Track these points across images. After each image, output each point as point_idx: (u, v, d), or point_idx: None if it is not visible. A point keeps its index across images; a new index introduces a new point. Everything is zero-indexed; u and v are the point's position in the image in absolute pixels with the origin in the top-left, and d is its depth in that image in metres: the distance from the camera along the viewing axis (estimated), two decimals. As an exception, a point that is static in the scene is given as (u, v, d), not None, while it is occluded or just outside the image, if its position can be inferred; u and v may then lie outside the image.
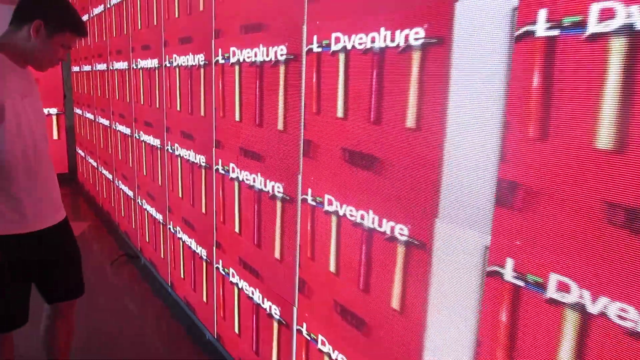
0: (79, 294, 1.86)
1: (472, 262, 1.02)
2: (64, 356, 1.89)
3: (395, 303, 1.23)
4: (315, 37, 1.43)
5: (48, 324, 1.84)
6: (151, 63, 2.84)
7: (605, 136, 0.76)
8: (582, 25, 0.78)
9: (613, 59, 0.75)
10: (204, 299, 2.44)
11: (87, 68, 4.75)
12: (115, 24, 3.66)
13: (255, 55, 1.76)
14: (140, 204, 3.42)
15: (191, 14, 2.34)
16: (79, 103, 5.44)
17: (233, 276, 2.13)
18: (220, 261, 2.24)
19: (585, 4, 0.78)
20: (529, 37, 0.86)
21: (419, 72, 1.09)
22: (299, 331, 1.68)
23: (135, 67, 3.19)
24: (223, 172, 2.12)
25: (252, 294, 1.97)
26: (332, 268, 1.46)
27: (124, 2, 3.36)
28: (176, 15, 2.52)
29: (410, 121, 1.13)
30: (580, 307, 0.82)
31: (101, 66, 4.14)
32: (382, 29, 1.18)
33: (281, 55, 1.60)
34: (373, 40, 1.21)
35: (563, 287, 0.85)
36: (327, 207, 1.45)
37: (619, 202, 0.75)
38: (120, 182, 3.92)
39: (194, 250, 2.52)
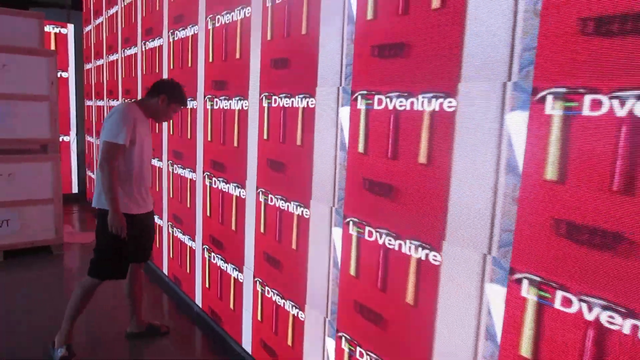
0: (149, 258, 2.95)
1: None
2: (141, 298, 3.00)
3: (294, 244, 2.14)
4: (264, 94, 2.39)
5: (130, 281, 2.90)
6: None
7: (361, 147, 1.69)
8: (372, 104, 1.73)
9: (394, 122, 1.69)
10: (187, 270, 3.34)
11: (100, 103, 5.71)
12: (109, 72, 4.64)
13: (231, 105, 2.72)
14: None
15: (183, 68, 3.30)
16: (90, 131, 6.39)
17: (211, 255, 3.02)
18: (201, 244, 3.14)
19: (372, 95, 1.71)
20: (353, 107, 1.80)
21: (303, 118, 2.04)
22: (254, 279, 2.58)
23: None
24: (208, 181, 3.04)
25: (221, 261, 2.87)
26: (262, 230, 2.38)
27: (118, 58, 4.34)
28: (171, 67, 3.48)
29: (298, 140, 2.06)
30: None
31: (113, 102, 5.10)
32: (299, 95, 2.13)
33: (245, 106, 2.54)
34: (282, 100, 2.17)
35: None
36: (263, 198, 2.37)
37: (367, 177, 1.68)
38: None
39: (180, 238, 3.42)
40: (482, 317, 1.33)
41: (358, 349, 1.77)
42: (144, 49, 4.04)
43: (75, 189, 7.05)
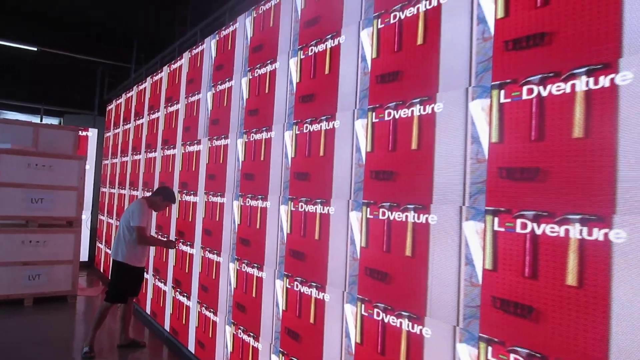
0: (138, 294, 4.64)
1: (225, 258, 3.68)
2: (129, 325, 4.62)
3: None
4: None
5: (123, 310, 4.54)
6: (138, 192, 5.65)
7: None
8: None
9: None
10: (160, 304, 5.00)
11: (113, 190, 7.63)
12: (121, 169, 6.58)
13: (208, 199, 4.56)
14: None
15: (166, 172, 5.18)
16: (102, 210, 8.25)
17: (178, 293, 4.71)
18: (170, 284, 4.83)
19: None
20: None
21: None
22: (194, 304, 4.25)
23: (130, 193, 6.01)
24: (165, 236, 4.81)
25: (184, 296, 4.55)
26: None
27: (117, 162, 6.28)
28: (161, 170, 5.37)
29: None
30: (237, 263, 3.47)
31: (122, 190, 7.00)
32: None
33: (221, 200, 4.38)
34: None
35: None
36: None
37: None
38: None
39: (154, 281, 5.10)
40: None
41: None
42: (145, 157, 6.00)
43: (85, 258, 8.75)
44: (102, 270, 7.96)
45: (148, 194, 5.55)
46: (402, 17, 2.36)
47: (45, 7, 7.90)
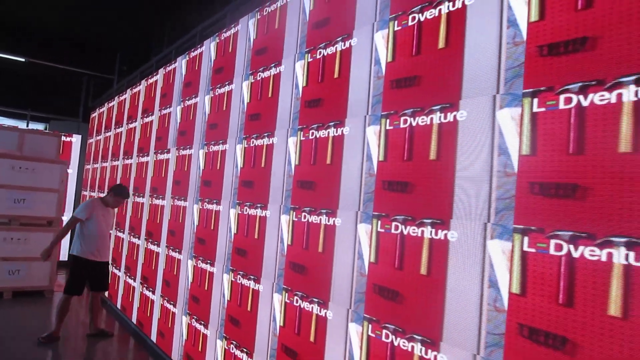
0: (106, 289, 5.03)
1: (184, 255, 4.13)
2: (98, 316, 5.03)
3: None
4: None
5: (91, 302, 4.96)
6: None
7: (192, 222, 3.93)
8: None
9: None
10: (129, 299, 5.41)
11: (93, 193, 8.03)
12: (100, 173, 7.00)
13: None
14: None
15: (140, 177, 5.62)
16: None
17: (144, 287, 5.14)
18: (137, 279, 5.25)
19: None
20: (191, 202, 4.09)
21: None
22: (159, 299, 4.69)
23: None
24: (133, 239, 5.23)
25: (150, 291, 4.98)
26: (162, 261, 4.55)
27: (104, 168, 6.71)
28: (135, 176, 5.81)
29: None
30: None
31: (101, 193, 7.41)
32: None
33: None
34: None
35: (192, 256, 3.96)
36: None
37: (195, 235, 3.91)
38: (101, 258, 6.93)
39: (125, 278, 5.51)
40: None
41: None
42: (123, 163, 6.44)
43: (65, 257, 9.08)
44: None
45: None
46: (325, 54, 2.87)
47: (34, 22, 8.35)
